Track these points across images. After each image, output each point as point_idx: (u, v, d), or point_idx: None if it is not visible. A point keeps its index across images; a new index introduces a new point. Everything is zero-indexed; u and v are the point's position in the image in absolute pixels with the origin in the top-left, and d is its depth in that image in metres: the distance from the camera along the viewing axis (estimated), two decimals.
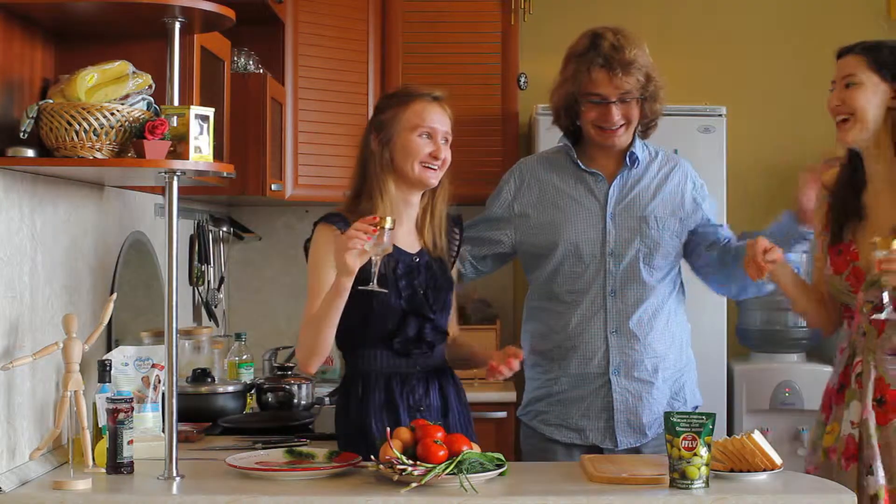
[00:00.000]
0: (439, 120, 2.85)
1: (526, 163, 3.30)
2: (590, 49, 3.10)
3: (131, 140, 2.50)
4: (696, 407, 3.23)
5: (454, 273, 3.00)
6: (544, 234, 3.14)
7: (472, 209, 3.22)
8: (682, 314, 3.24)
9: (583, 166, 3.17)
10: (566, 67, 3.15)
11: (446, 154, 2.85)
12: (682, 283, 3.26)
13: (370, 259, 2.59)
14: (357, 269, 2.59)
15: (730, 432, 4.35)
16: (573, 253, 3.12)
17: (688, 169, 3.26)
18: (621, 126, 3.11)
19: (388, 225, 2.57)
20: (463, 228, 3.02)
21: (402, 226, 2.85)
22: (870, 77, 2.82)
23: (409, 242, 2.88)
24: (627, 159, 3.16)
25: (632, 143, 3.17)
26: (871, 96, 2.81)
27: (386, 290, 2.71)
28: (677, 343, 3.19)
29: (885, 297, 2.62)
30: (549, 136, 3.72)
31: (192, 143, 2.50)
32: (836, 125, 2.83)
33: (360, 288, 2.63)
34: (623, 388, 3.10)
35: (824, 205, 2.92)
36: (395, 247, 2.78)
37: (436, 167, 2.84)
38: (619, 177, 3.16)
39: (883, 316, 2.63)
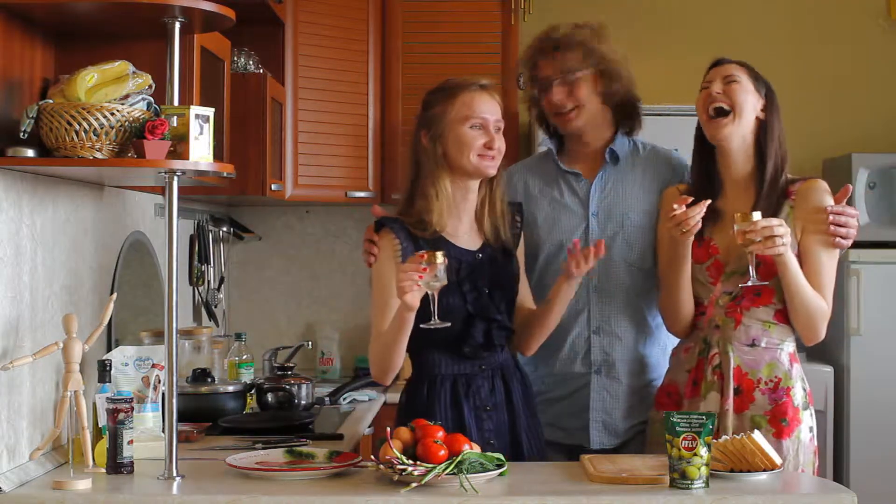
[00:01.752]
0: (489, 109, 2.81)
1: (510, 169, 3.26)
2: (531, 44, 3.19)
3: (131, 140, 2.50)
4: None
5: (520, 255, 2.96)
6: (529, 235, 3.12)
7: None
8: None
9: (563, 167, 3.17)
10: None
11: (500, 143, 2.81)
12: None
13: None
14: (417, 304, 2.59)
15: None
16: (557, 253, 3.11)
17: (678, 163, 3.22)
18: (573, 109, 3.10)
19: (439, 260, 2.56)
20: (524, 215, 2.98)
21: (462, 223, 2.84)
22: (749, 81, 2.98)
23: (470, 240, 2.86)
24: (607, 156, 3.14)
25: (612, 140, 3.16)
26: (749, 97, 2.96)
27: (449, 324, 2.68)
28: (661, 345, 3.18)
29: (751, 268, 2.76)
30: None
31: (192, 143, 2.50)
32: (707, 121, 2.95)
33: (422, 326, 2.64)
34: (601, 387, 3.09)
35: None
36: (455, 247, 2.79)
37: (493, 156, 2.80)
38: (599, 175, 3.15)
39: (749, 283, 2.78)
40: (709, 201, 2.81)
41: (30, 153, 2.45)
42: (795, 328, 2.92)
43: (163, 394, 2.74)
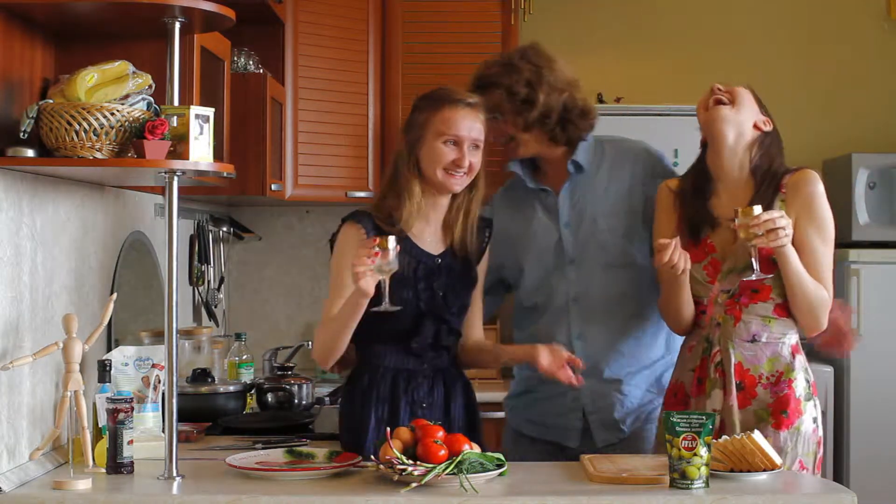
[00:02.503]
0: (468, 127, 2.83)
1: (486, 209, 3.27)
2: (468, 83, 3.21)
3: (131, 140, 2.50)
4: None
5: (480, 272, 2.98)
6: (509, 254, 3.17)
7: None
8: (654, 308, 3.16)
9: (531, 185, 3.20)
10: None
11: (473, 159, 2.83)
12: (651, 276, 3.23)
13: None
14: (372, 290, 2.61)
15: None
16: (535, 267, 3.16)
17: (646, 153, 3.22)
18: (509, 141, 3.14)
19: (391, 245, 2.58)
20: (492, 231, 3.00)
21: (429, 226, 2.88)
22: (747, 93, 2.98)
23: (433, 244, 2.89)
24: (571, 167, 3.16)
25: (574, 151, 3.16)
26: (750, 99, 2.97)
27: (399, 308, 2.70)
28: (648, 337, 3.18)
29: (754, 261, 2.78)
30: None
31: (192, 143, 2.50)
32: (705, 112, 2.98)
33: (373, 310, 2.65)
34: (591, 390, 3.10)
35: (674, 215, 3.02)
36: (417, 248, 2.83)
37: (460, 174, 2.83)
38: (565, 186, 3.17)
39: (753, 277, 2.80)
40: (677, 238, 2.83)
41: (30, 153, 2.45)
42: (798, 319, 2.92)
43: (163, 394, 2.74)
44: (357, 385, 2.88)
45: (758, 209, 2.74)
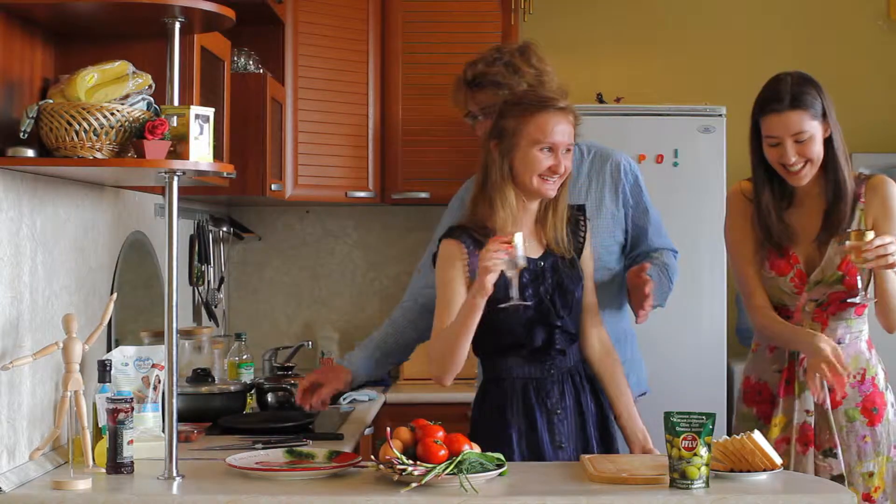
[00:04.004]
0: (562, 132, 2.82)
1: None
2: (458, 81, 3.25)
3: (131, 140, 2.50)
4: (644, 394, 3.28)
5: (587, 259, 2.97)
6: None
7: None
8: (625, 311, 3.22)
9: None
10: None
11: (567, 164, 2.84)
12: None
13: (502, 276, 2.64)
14: (491, 289, 2.63)
15: (730, 432, 4.35)
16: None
17: (621, 162, 3.23)
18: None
19: (518, 241, 2.60)
20: (587, 216, 2.99)
21: (524, 231, 2.83)
22: (813, 126, 2.93)
23: (532, 248, 2.86)
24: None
25: None
26: (819, 138, 2.94)
27: (528, 303, 2.75)
28: (621, 339, 3.19)
29: (860, 284, 2.88)
30: None
31: (192, 143, 2.50)
32: (786, 173, 2.95)
33: (500, 306, 2.68)
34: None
35: (749, 222, 3.04)
36: None
37: (554, 179, 2.83)
38: None
39: (857, 300, 2.90)
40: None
41: (30, 153, 2.45)
42: (884, 321, 2.96)
43: (163, 394, 2.74)
44: (489, 400, 2.87)
45: (870, 234, 2.78)
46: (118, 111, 2.47)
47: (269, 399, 3.56)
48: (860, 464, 2.96)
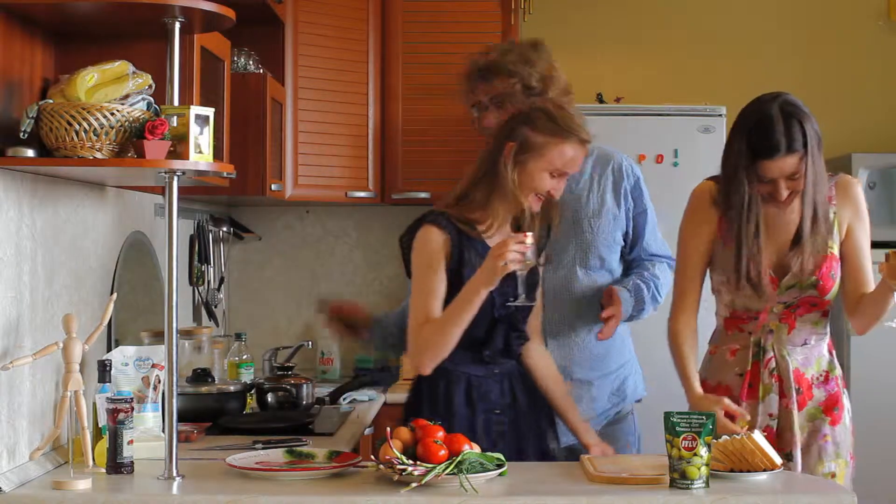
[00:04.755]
0: (575, 162, 2.85)
1: None
2: (468, 69, 3.29)
3: (131, 140, 2.50)
4: (640, 400, 3.31)
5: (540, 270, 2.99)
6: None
7: None
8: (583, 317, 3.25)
9: None
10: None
11: (561, 188, 2.87)
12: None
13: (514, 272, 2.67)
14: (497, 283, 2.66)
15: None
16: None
17: (623, 163, 3.26)
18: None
19: (530, 241, 2.64)
20: (550, 235, 2.99)
21: (501, 233, 2.86)
22: (806, 162, 2.84)
23: None
24: None
25: None
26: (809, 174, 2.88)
27: (534, 303, 2.79)
28: (618, 341, 3.23)
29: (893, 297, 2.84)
30: None
31: (192, 143, 2.50)
32: (773, 201, 2.89)
33: (508, 303, 2.74)
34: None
35: (704, 237, 2.98)
36: None
37: (544, 197, 2.85)
38: None
39: (894, 324, 2.92)
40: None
41: (30, 153, 2.45)
42: (856, 324, 2.96)
43: (163, 394, 2.74)
44: (432, 393, 2.87)
45: None
46: (118, 111, 2.47)
47: (269, 399, 3.56)
48: (821, 463, 2.92)
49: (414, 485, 2.37)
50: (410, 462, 2.41)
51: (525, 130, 2.83)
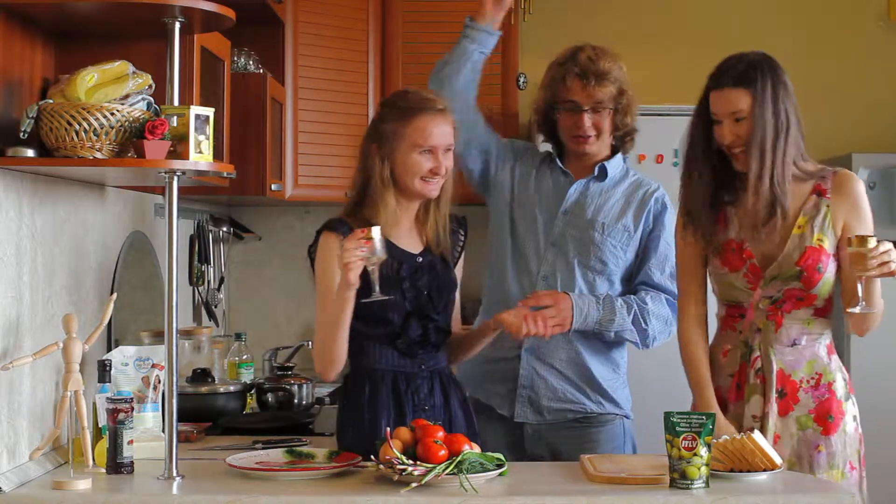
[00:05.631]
0: (441, 134, 2.84)
1: (516, 142, 3.47)
2: (568, 59, 3.23)
3: (131, 140, 2.50)
4: (629, 417, 3.31)
5: (457, 272, 3.01)
6: (507, 208, 3.29)
7: (471, 209, 3.21)
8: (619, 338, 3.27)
9: (560, 165, 3.30)
10: (546, 75, 3.30)
11: (448, 164, 2.85)
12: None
13: (366, 269, 2.64)
14: (358, 281, 2.63)
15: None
16: (522, 236, 3.26)
17: (656, 192, 3.29)
18: (593, 135, 3.22)
19: (376, 235, 2.61)
20: (467, 231, 3.02)
21: (403, 227, 2.88)
22: (754, 104, 2.82)
23: (412, 243, 2.90)
24: (596, 170, 3.26)
25: (608, 157, 3.28)
26: (759, 124, 2.82)
27: (391, 297, 2.74)
28: (605, 351, 3.25)
29: (860, 292, 2.73)
30: None
31: (192, 143, 2.50)
32: (729, 152, 2.85)
33: (363, 301, 2.68)
34: (531, 366, 3.20)
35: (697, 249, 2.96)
36: (398, 248, 2.83)
37: (436, 180, 2.85)
38: (581, 181, 3.27)
39: (857, 310, 2.73)
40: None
41: (30, 153, 2.45)
42: (855, 326, 2.86)
43: (163, 394, 2.74)
44: (358, 392, 2.86)
45: (873, 241, 2.68)
46: (118, 111, 2.47)
47: (269, 399, 3.56)
48: (812, 475, 2.79)
49: (414, 485, 2.37)
50: (410, 462, 2.41)
51: (380, 126, 2.88)
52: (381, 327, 2.82)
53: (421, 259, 2.89)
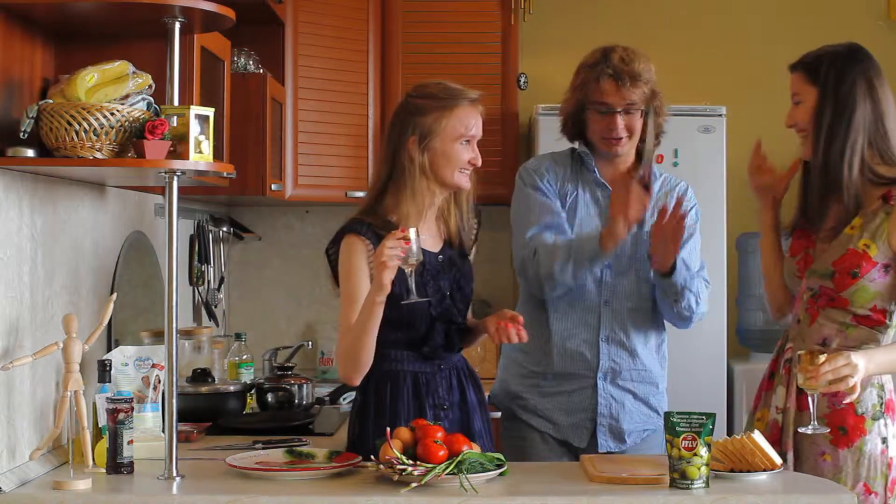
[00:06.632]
0: (478, 125, 2.85)
1: (543, 161, 3.32)
2: (600, 61, 3.16)
3: (131, 140, 2.50)
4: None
5: (471, 257, 3.00)
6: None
7: (482, 208, 3.21)
8: (663, 324, 3.28)
9: (599, 177, 3.22)
10: (576, 77, 3.22)
11: (479, 155, 2.86)
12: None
13: (400, 271, 2.64)
14: (390, 286, 2.63)
15: (730, 432, 4.35)
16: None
17: (688, 190, 3.30)
18: (625, 136, 3.16)
19: (413, 236, 2.60)
20: (481, 220, 3.01)
21: (425, 224, 2.86)
22: (810, 92, 2.87)
23: (432, 241, 2.88)
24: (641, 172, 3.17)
25: (637, 160, 3.23)
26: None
27: (429, 299, 2.75)
28: (662, 353, 3.26)
29: (812, 411, 2.66)
30: (549, 137, 3.72)
31: (192, 143, 2.50)
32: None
33: (403, 303, 2.68)
34: (608, 393, 3.15)
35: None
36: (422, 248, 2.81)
37: (470, 171, 2.85)
38: None
39: (809, 430, 2.67)
40: None
41: (30, 153, 2.45)
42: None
43: (163, 394, 2.74)
44: (378, 394, 2.85)
45: (822, 357, 2.59)
46: (118, 111, 2.47)
47: (269, 399, 3.56)
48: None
49: (414, 485, 2.37)
50: (410, 462, 2.41)
51: (416, 119, 2.82)
52: (403, 332, 2.81)
53: (441, 257, 2.88)
